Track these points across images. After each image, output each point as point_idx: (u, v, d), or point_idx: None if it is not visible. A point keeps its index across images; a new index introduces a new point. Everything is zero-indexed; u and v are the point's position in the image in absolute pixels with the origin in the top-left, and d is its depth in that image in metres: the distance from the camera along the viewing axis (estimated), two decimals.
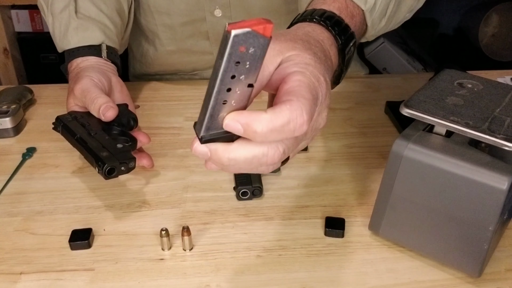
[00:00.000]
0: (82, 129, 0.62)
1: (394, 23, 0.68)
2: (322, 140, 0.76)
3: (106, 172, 0.56)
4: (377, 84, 0.92)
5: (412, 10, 0.70)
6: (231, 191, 0.65)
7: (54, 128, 0.64)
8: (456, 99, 0.53)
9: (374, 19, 0.61)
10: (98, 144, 0.59)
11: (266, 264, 0.55)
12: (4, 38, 1.65)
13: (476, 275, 0.52)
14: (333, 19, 0.52)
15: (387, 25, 0.65)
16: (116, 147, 0.59)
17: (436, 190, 0.50)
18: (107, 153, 0.57)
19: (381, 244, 0.57)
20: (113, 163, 0.56)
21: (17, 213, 0.62)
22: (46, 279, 0.53)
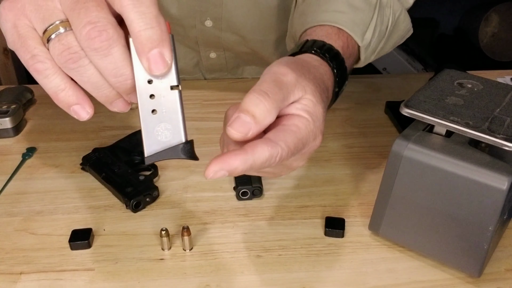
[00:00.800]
0: (107, 166, 0.66)
1: (378, 56, 0.70)
2: (322, 140, 0.75)
3: (133, 206, 0.61)
4: (377, 84, 0.92)
5: (394, 46, 0.73)
6: (231, 191, 0.65)
7: (82, 168, 0.69)
8: (456, 99, 0.53)
9: (367, 54, 0.63)
10: (123, 180, 0.63)
11: (266, 264, 0.55)
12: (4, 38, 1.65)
13: (476, 275, 0.52)
14: (338, 60, 0.53)
15: (373, 58, 0.68)
16: (139, 180, 0.63)
17: (436, 190, 0.50)
18: (131, 188, 0.62)
19: (381, 244, 0.57)
20: (138, 198, 0.61)
21: (17, 213, 0.62)
22: (46, 279, 0.53)
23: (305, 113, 0.43)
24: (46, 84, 0.39)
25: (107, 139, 0.75)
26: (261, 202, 0.64)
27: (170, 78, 0.36)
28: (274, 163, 0.40)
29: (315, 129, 0.43)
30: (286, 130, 0.41)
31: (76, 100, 0.39)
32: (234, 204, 0.63)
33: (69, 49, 0.37)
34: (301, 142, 0.42)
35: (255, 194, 0.63)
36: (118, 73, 0.37)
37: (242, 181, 0.63)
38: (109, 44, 0.36)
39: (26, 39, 0.38)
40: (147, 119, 0.37)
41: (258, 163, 0.39)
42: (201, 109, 0.83)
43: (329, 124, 0.80)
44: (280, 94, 0.41)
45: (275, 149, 0.39)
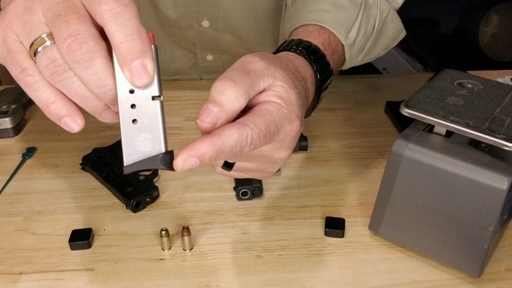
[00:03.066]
0: (107, 166, 0.66)
1: (369, 58, 0.70)
2: (322, 140, 0.76)
3: (133, 206, 0.61)
4: (377, 84, 0.92)
5: (387, 48, 0.72)
6: (231, 191, 0.65)
7: (82, 168, 0.69)
8: (456, 99, 0.53)
9: (352, 54, 0.62)
10: (123, 180, 0.63)
11: (266, 264, 0.55)
12: None
13: (476, 275, 0.52)
14: (316, 54, 0.53)
15: (362, 60, 0.67)
16: (139, 180, 0.63)
17: (436, 190, 0.50)
18: (132, 188, 0.62)
19: (381, 244, 0.57)
20: (138, 198, 0.61)
21: (17, 213, 0.62)
22: (46, 279, 0.53)
23: (276, 99, 0.42)
24: (36, 97, 0.39)
25: (107, 139, 0.75)
26: (261, 202, 0.64)
27: (152, 89, 0.36)
28: (247, 146, 0.39)
29: (289, 113, 0.42)
30: (256, 114, 0.40)
31: (67, 112, 0.39)
32: (234, 204, 0.63)
33: (54, 62, 0.37)
34: (274, 124, 0.40)
35: (255, 194, 0.63)
36: (101, 84, 0.37)
37: (242, 181, 0.63)
38: (90, 56, 0.36)
39: (15, 53, 0.38)
40: (127, 129, 0.37)
41: (228, 145, 0.38)
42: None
43: (329, 124, 0.80)
44: (247, 79, 0.40)
45: (243, 129, 0.38)
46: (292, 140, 0.44)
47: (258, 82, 0.41)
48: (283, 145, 0.44)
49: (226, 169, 0.46)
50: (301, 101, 0.45)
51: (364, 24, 0.63)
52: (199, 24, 0.84)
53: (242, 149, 0.39)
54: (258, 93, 0.42)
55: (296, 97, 0.44)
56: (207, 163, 0.38)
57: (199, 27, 0.84)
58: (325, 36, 0.57)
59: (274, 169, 0.46)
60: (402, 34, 0.73)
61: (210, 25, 0.84)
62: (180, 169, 0.37)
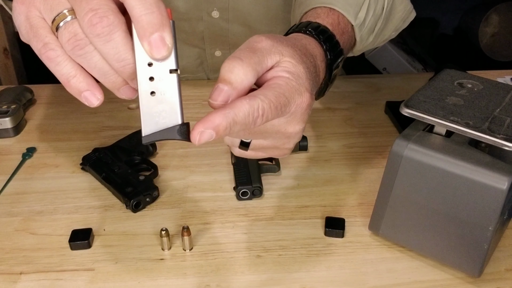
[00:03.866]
0: (107, 166, 0.66)
1: (380, 41, 0.71)
2: (322, 140, 0.76)
3: (133, 206, 0.61)
4: (377, 84, 0.92)
5: (398, 29, 0.74)
6: (231, 191, 0.65)
7: (82, 168, 0.69)
8: (456, 99, 0.53)
9: (362, 34, 0.63)
10: (123, 180, 0.64)
11: (266, 264, 0.55)
12: (4, 38, 1.65)
13: (476, 275, 0.52)
14: (325, 34, 0.54)
15: (374, 41, 0.68)
16: (139, 180, 0.63)
17: (436, 190, 0.50)
18: (132, 188, 0.62)
19: (381, 244, 0.57)
20: (138, 198, 0.61)
21: (17, 213, 0.62)
22: (46, 279, 0.53)
23: (284, 73, 0.43)
24: (58, 71, 0.40)
25: (107, 139, 0.75)
26: (261, 202, 0.64)
27: (169, 62, 0.37)
28: (259, 117, 0.40)
29: (298, 86, 0.43)
30: (266, 87, 0.41)
31: (87, 86, 0.40)
32: (234, 204, 0.63)
33: (75, 36, 0.38)
34: (283, 96, 0.41)
35: (255, 194, 0.63)
36: (120, 58, 0.38)
37: (242, 181, 0.63)
38: (110, 30, 0.37)
39: (37, 29, 0.39)
40: (145, 100, 0.38)
41: (240, 115, 0.39)
42: (201, 109, 0.83)
43: (329, 124, 0.80)
44: (254, 57, 0.41)
45: (254, 101, 0.39)
46: (304, 113, 0.44)
47: (266, 59, 0.42)
48: (296, 118, 0.44)
49: (243, 149, 0.46)
50: (310, 75, 0.45)
51: (373, 4, 0.63)
52: (209, 15, 0.84)
53: (255, 120, 0.40)
54: (266, 71, 0.43)
55: (305, 71, 0.44)
56: (223, 135, 0.39)
57: (209, 18, 0.84)
58: (334, 17, 0.58)
59: (290, 145, 0.47)
60: (412, 15, 0.73)
61: (220, 16, 0.84)
62: (198, 142, 0.38)
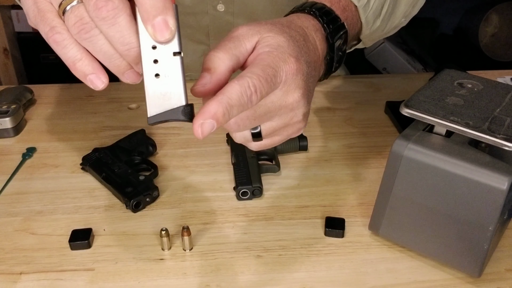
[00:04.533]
0: (107, 166, 0.66)
1: (390, 27, 0.72)
2: (322, 140, 0.76)
3: (133, 206, 0.61)
4: (377, 84, 0.92)
5: (408, 16, 0.74)
6: (231, 191, 0.65)
7: (82, 168, 0.69)
8: (456, 99, 0.53)
9: (368, 16, 0.64)
10: (123, 180, 0.64)
11: (266, 264, 0.55)
12: (4, 38, 1.65)
13: (476, 275, 0.52)
14: (322, 10, 0.55)
15: (382, 26, 0.69)
16: (139, 180, 0.63)
17: (436, 190, 0.50)
18: (132, 188, 0.62)
19: (381, 244, 0.57)
20: (138, 198, 0.61)
21: (17, 213, 0.62)
22: (46, 279, 0.53)
23: (265, 48, 0.44)
24: (64, 54, 0.41)
25: (107, 139, 0.75)
26: (261, 202, 0.64)
27: (173, 45, 0.39)
28: (253, 94, 0.41)
29: (280, 54, 0.44)
30: (251, 66, 0.43)
31: (92, 70, 0.41)
32: (234, 204, 0.63)
33: (81, 19, 0.39)
34: (269, 67, 0.42)
35: (255, 194, 0.63)
36: (125, 42, 0.39)
37: (242, 181, 0.63)
38: (115, 13, 0.37)
39: (44, 12, 0.40)
40: (150, 83, 0.39)
41: (234, 97, 0.40)
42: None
43: (329, 124, 0.80)
44: (229, 43, 0.43)
45: (243, 80, 0.40)
46: (296, 79, 0.45)
47: (243, 42, 0.44)
48: (290, 86, 0.45)
49: (257, 140, 0.47)
50: (294, 43, 0.46)
51: None
52: (215, 8, 0.84)
53: (250, 98, 0.41)
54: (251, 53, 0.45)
55: (286, 39, 0.45)
56: (223, 121, 0.40)
57: (215, 12, 0.84)
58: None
59: (299, 117, 0.47)
60: (422, 1, 0.73)
61: (225, 9, 0.84)
62: (201, 134, 0.39)
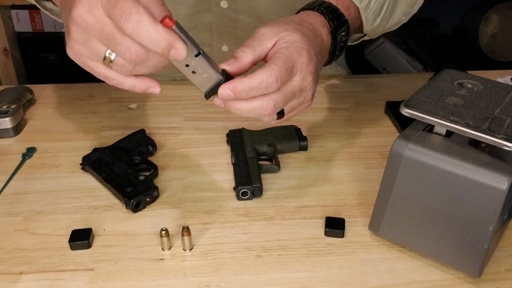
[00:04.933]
0: (107, 166, 0.66)
1: (391, 24, 0.76)
2: (322, 140, 0.76)
3: (133, 206, 0.61)
4: (377, 84, 0.92)
5: (408, 14, 0.79)
6: (231, 191, 0.65)
7: (82, 168, 0.69)
8: (456, 99, 0.53)
9: (368, 16, 0.70)
10: (123, 180, 0.64)
11: (266, 264, 0.55)
12: (4, 38, 1.65)
13: (476, 275, 0.52)
14: (329, 8, 0.64)
15: (383, 24, 0.74)
16: (139, 180, 0.64)
17: (436, 190, 0.50)
18: (132, 188, 0.62)
19: (381, 244, 0.57)
20: (138, 198, 0.61)
21: (17, 213, 0.62)
22: (46, 279, 0.53)
23: (283, 44, 0.56)
24: (124, 87, 0.52)
25: (107, 139, 0.75)
26: (261, 202, 0.64)
27: (191, 51, 0.49)
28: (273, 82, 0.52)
29: (296, 48, 0.55)
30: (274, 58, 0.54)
31: (146, 86, 0.53)
32: (234, 204, 0.63)
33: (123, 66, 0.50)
34: (288, 59, 0.54)
35: (255, 194, 0.63)
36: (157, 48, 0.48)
37: (242, 181, 0.63)
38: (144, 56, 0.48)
39: (94, 68, 0.51)
40: (192, 77, 0.52)
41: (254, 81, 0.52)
42: (201, 109, 0.83)
43: (329, 124, 0.80)
44: (253, 41, 0.56)
45: (266, 70, 0.52)
46: (308, 67, 0.56)
47: (265, 41, 0.56)
48: (304, 72, 0.56)
49: (280, 117, 0.57)
50: (306, 38, 0.57)
51: None
52: (218, 5, 0.84)
53: (271, 85, 0.52)
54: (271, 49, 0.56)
55: (300, 36, 0.57)
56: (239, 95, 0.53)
57: (218, 8, 0.84)
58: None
59: (309, 95, 0.58)
60: (420, 1, 0.77)
61: (228, 6, 0.84)
62: (219, 96, 0.53)
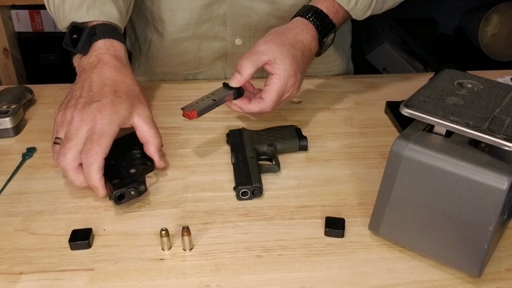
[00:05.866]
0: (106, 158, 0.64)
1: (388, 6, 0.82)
2: (322, 140, 0.76)
3: (116, 198, 0.60)
4: (377, 84, 0.92)
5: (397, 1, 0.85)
6: (231, 191, 0.65)
7: None
8: (456, 99, 0.53)
9: (357, 13, 0.78)
10: (114, 172, 0.63)
11: (266, 264, 0.55)
12: (4, 38, 1.65)
13: (476, 275, 0.52)
14: (319, 17, 0.74)
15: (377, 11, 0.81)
16: (130, 173, 0.63)
17: (436, 190, 0.50)
18: (118, 180, 0.61)
19: (381, 244, 0.57)
20: (121, 189, 0.60)
21: (17, 213, 0.62)
22: (46, 279, 0.53)
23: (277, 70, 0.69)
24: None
25: None
26: (261, 202, 0.64)
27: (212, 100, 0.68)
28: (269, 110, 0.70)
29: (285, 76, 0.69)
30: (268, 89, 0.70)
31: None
32: (234, 204, 0.63)
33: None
34: (281, 89, 0.69)
35: (255, 194, 0.63)
36: None
37: (242, 181, 0.63)
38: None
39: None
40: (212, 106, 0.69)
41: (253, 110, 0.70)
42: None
43: (329, 124, 0.80)
44: (254, 56, 0.69)
45: (263, 103, 0.70)
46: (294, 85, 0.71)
47: (262, 57, 0.69)
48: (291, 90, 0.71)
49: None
50: (295, 62, 0.70)
51: None
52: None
53: (267, 110, 0.70)
54: (267, 64, 0.69)
55: (289, 61, 0.70)
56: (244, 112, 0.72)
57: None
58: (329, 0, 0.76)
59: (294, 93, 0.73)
60: None
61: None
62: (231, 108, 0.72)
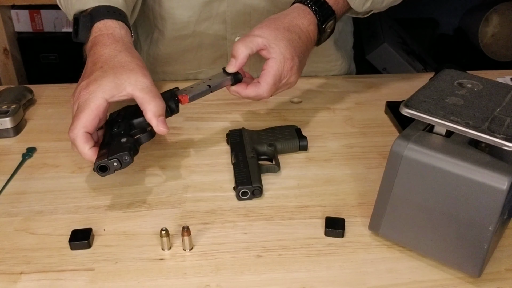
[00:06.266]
0: (111, 125, 0.63)
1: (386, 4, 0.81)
2: (322, 140, 0.76)
3: (98, 169, 0.57)
4: (377, 84, 0.92)
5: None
6: (231, 191, 0.65)
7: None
8: (456, 99, 0.53)
9: (356, 3, 0.77)
10: (107, 141, 0.60)
11: (266, 264, 0.55)
12: (4, 38, 1.65)
13: (476, 275, 0.52)
14: (318, 3, 0.73)
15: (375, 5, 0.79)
16: (120, 142, 0.59)
17: (436, 190, 0.50)
18: (105, 151, 0.58)
19: (381, 244, 0.57)
20: (102, 160, 0.57)
21: (17, 213, 0.62)
22: (46, 279, 0.53)
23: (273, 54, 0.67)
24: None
25: None
26: (261, 202, 0.64)
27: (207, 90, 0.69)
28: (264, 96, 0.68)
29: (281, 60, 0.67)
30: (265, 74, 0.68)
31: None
32: (234, 204, 0.63)
33: None
34: (277, 74, 0.67)
35: (255, 194, 0.63)
36: None
37: (242, 181, 0.63)
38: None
39: None
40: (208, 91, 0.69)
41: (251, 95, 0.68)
42: (201, 109, 0.83)
43: (329, 124, 0.80)
44: (247, 39, 0.67)
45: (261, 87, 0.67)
46: (291, 70, 0.69)
47: (256, 39, 0.67)
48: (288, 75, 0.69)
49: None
50: (290, 45, 0.68)
51: None
52: None
53: (264, 96, 0.68)
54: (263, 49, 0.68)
55: (285, 44, 0.68)
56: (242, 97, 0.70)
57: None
58: None
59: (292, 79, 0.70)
60: None
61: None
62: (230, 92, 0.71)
